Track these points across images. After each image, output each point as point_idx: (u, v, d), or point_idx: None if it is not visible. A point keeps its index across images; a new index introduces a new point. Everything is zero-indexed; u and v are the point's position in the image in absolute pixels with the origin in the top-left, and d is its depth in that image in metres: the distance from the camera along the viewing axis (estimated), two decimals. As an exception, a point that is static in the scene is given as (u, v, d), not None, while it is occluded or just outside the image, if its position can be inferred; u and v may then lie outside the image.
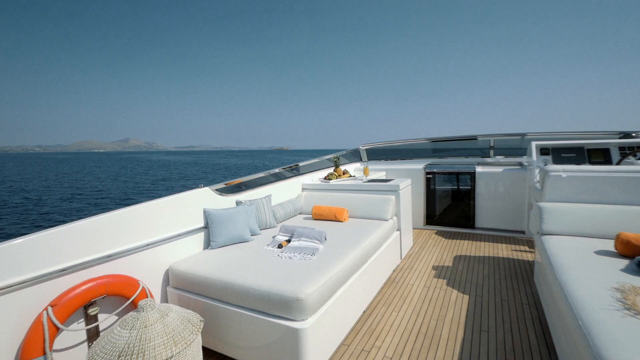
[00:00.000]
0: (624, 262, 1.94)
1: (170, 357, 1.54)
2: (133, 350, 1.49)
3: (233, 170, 44.16)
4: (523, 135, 5.00)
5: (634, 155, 3.76)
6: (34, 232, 1.73)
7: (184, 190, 2.58)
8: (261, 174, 3.62)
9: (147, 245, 2.21)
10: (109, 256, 1.99)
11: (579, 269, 1.87)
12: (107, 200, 18.14)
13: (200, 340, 1.76)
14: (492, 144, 5.26)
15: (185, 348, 1.61)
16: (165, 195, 2.43)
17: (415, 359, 2.04)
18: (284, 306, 1.77)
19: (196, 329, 1.70)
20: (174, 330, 1.63)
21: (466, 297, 2.81)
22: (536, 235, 2.79)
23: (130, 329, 1.56)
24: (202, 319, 1.79)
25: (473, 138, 5.36)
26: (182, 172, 39.93)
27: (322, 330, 1.87)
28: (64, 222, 1.84)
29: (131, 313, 1.66)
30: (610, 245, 2.22)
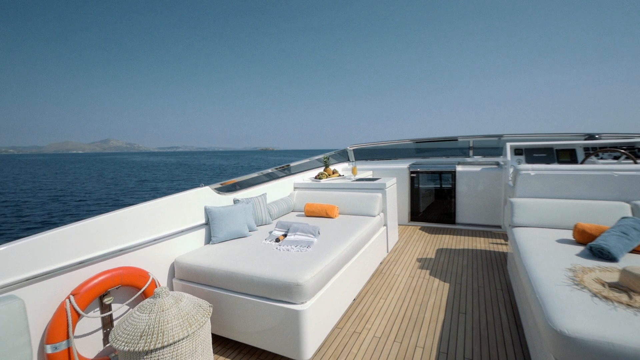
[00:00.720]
0: (580, 248, 2.24)
1: (186, 337, 1.73)
2: (153, 331, 1.67)
3: (218, 171, 43.73)
4: (499, 136, 5.36)
5: (596, 156, 4.15)
6: (54, 228, 1.88)
7: (170, 192, 2.72)
8: (255, 174, 3.80)
9: (155, 240, 2.38)
10: (121, 250, 2.15)
11: (541, 254, 2.16)
12: (89, 203, 17.79)
13: (210, 324, 1.95)
14: (471, 145, 5.61)
15: (198, 329, 1.80)
16: (160, 197, 2.57)
17: (401, 338, 2.29)
18: (285, 291, 1.98)
19: (207, 313, 1.90)
20: (188, 314, 1.81)
21: (447, 284, 3.09)
22: (508, 227, 3.09)
23: (149, 313, 1.75)
24: (210, 304, 1.98)
25: (454, 139, 5.70)
26: (168, 173, 39.32)
27: (319, 313, 2.09)
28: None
29: (148, 299, 1.84)
30: (569, 235, 2.53)
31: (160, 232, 2.45)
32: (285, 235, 2.79)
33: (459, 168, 5.17)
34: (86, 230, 2.00)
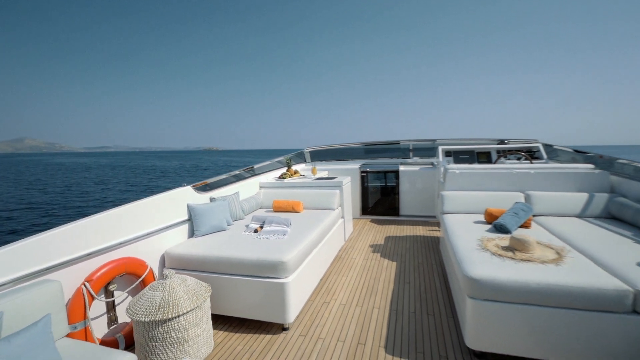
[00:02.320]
0: (488, 226, 3.04)
1: (195, 308, 2.11)
2: (168, 304, 2.03)
3: (158, 173, 41.18)
4: (434, 140, 6.31)
5: (505, 157, 5.21)
6: (67, 223, 2.12)
7: (109, 196, 2.99)
8: (224, 176, 4.14)
9: (147, 234, 2.66)
10: (120, 243, 2.42)
11: (462, 231, 2.89)
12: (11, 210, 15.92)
13: (209, 300, 2.33)
14: (411, 148, 6.50)
15: (202, 302, 2.18)
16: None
17: (362, 303, 2.87)
18: (272, 268, 2.44)
19: (207, 290, 2.28)
20: (193, 291, 2.19)
21: (394, 263, 3.77)
22: (440, 215, 3.87)
23: (162, 291, 2.09)
24: (208, 284, 2.36)
25: (396, 143, 6.55)
26: (102, 175, 36.09)
27: (298, 285, 2.59)
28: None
29: (158, 281, 2.18)
30: (482, 217, 3.35)
31: (151, 227, 2.73)
32: (261, 227, 3.22)
33: (401, 168, 5.99)
34: (94, 224, 2.26)
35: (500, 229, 2.85)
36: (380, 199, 6.24)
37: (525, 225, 2.98)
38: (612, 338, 1.82)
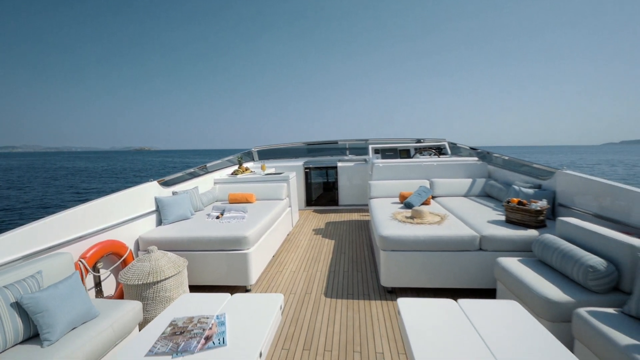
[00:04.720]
0: (400, 205, 4.01)
1: (177, 273, 2.67)
2: (156, 271, 2.56)
3: (85, 174, 37.49)
4: (366, 140, 7.36)
5: (420, 153, 6.40)
6: (63, 210, 2.52)
7: (33, 200, 3.41)
8: (180, 174, 4.59)
9: (124, 221, 3.10)
10: (104, 228, 2.86)
11: (382, 209, 3.82)
12: None
13: (186, 270, 2.89)
14: (347, 147, 7.46)
15: (182, 270, 2.75)
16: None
17: (308, 269, 3.64)
18: (236, 242, 3.07)
19: (184, 262, 2.84)
20: (174, 261, 2.74)
21: (333, 241, 4.61)
22: (369, 200, 4.80)
23: (149, 261, 2.62)
24: (184, 258, 2.92)
25: (335, 142, 7.47)
26: (5, 178, 31.72)
27: (257, 255, 3.26)
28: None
29: (143, 255, 2.69)
30: (397, 199, 4.33)
31: (126, 215, 3.17)
32: (222, 214, 3.80)
33: (339, 164, 6.90)
34: (80, 212, 2.67)
35: (408, 206, 3.84)
36: (322, 192, 7.09)
37: (426, 203, 4.01)
38: (469, 267, 2.83)
